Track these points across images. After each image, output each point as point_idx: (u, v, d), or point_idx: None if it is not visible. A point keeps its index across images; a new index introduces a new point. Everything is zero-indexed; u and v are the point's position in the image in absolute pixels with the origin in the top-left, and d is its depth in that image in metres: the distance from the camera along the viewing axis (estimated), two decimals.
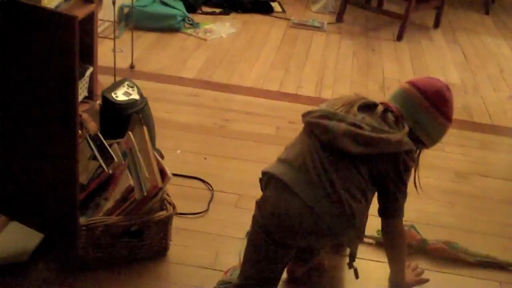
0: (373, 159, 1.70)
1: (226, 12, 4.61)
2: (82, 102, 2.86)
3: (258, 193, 1.78)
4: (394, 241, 1.88)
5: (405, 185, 1.77)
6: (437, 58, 4.22)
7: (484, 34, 4.84)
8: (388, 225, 1.84)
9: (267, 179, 1.74)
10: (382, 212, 1.81)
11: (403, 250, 1.91)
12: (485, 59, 4.30)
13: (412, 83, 1.84)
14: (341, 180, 1.66)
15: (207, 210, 2.30)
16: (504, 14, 5.48)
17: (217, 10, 4.62)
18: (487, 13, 5.37)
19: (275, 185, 1.69)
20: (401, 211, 1.81)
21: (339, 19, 4.78)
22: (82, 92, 2.87)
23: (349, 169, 1.68)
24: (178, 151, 2.67)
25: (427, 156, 2.88)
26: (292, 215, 1.65)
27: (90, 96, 2.96)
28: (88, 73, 2.87)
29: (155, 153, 2.04)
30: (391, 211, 1.80)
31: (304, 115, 1.77)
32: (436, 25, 4.87)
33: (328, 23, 4.68)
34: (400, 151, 1.70)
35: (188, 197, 2.36)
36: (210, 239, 2.15)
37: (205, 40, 4.02)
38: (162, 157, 2.45)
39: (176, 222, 2.07)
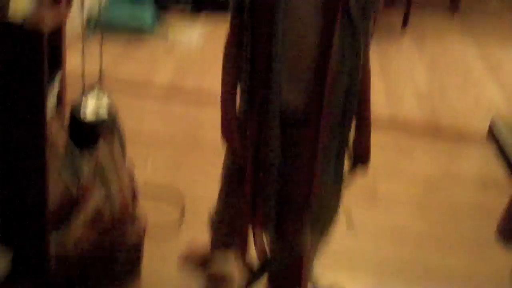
0: None
1: (197, 10, 4.51)
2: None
3: None
4: None
5: None
6: (406, 60, 4.25)
7: (450, 36, 4.88)
8: None
9: None
10: None
11: None
12: (452, 62, 4.34)
13: None
14: None
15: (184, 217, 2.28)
16: (472, 13, 5.52)
17: (188, 8, 4.52)
18: (455, 13, 5.40)
19: None
20: None
21: None
22: (52, 99, 2.82)
23: None
24: (149, 161, 2.65)
25: (394, 162, 2.92)
26: None
27: (60, 101, 2.92)
28: (57, 78, 2.82)
29: (126, 166, 2.03)
30: None
31: None
32: (405, 24, 4.88)
33: None
34: None
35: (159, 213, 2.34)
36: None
37: (177, 43, 3.99)
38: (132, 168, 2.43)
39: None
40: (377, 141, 3.06)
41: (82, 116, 2.32)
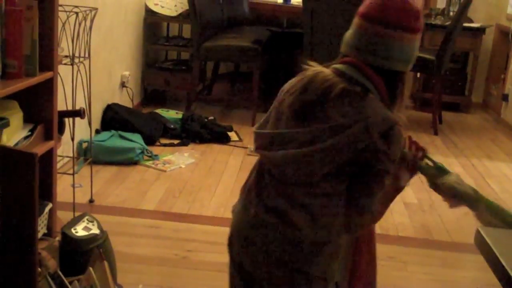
0: None
1: (184, 143, 4.69)
2: (41, 239, 2.81)
3: None
4: None
5: None
6: None
7: (435, 154, 5.00)
8: None
9: None
10: None
11: None
12: None
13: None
14: None
15: None
16: (452, 134, 5.70)
17: (176, 142, 4.70)
18: (436, 133, 5.58)
19: None
20: None
21: None
22: (41, 229, 2.83)
23: None
24: (140, 286, 2.62)
25: (389, 277, 2.89)
26: None
27: (49, 232, 2.92)
28: (47, 209, 2.84)
29: None
30: None
31: None
32: None
33: None
34: None
35: None
36: None
37: (164, 171, 4.06)
38: None
39: None
40: None
41: (73, 233, 2.33)
